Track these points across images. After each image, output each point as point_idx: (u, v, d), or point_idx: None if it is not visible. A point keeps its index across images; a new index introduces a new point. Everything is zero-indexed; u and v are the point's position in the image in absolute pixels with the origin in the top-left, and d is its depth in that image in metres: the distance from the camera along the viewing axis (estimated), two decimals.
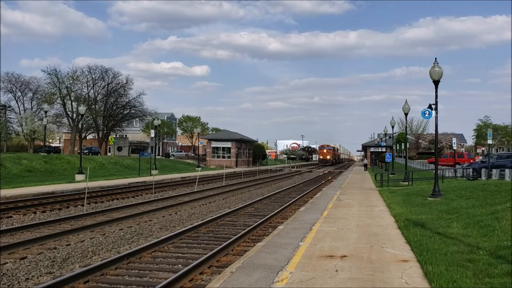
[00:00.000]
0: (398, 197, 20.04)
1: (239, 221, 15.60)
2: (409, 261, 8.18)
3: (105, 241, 11.60)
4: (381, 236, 10.82)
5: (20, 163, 37.81)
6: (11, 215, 15.73)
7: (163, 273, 8.69)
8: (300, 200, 22.00)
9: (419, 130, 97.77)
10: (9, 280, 8.10)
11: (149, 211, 17.10)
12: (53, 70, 68.35)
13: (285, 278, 7.04)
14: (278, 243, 9.77)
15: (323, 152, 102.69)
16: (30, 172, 36.34)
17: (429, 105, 19.50)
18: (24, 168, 37.06)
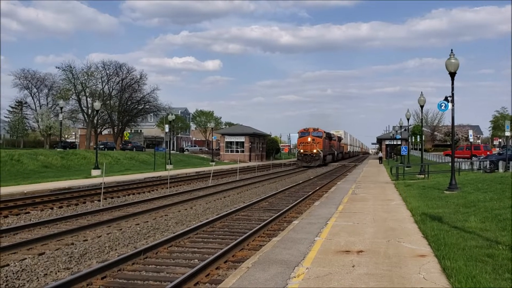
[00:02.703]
0: (414, 191, 19.86)
1: (253, 215, 15.61)
2: (427, 256, 8.09)
3: (121, 236, 11.70)
4: (398, 230, 10.74)
5: (37, 159, 38.27)
6: (28, 210, 15.93)
7: (179, 268, 8.73)
8: (315, 194, 21.94)
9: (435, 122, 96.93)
10: (28, 275, 8.21)
11: (165, 206, 17.19)
12: (67, 66, 68.99)
13: (302, 273, 7.02)
14: (293, 238, 9.75)
15: (305, 142, 56.30)
16: (46, 168, 36.78)
17: (445, 97, 19.25)
18: (40, 163, 37.51)
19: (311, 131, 56.89)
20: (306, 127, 57.61)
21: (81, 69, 70.01)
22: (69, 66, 69.00)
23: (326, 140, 60.18)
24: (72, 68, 69.10)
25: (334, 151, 70.84)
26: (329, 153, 63.68)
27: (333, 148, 69.39)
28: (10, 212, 15.37)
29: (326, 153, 59.66)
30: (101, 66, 72.05)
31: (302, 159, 55.82)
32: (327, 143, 61.33)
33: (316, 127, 57.70)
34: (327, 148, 61.95)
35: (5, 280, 7.87)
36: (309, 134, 56.64)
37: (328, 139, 63.91)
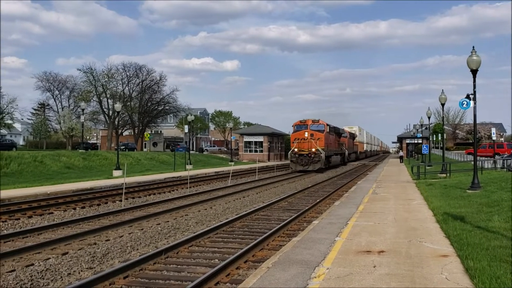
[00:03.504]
0: (435, 190, 19.61)
1: (273, 215, 15.61)
2: (449, 256, 7.99)
3: (143, 236, 11.82)
4: (419, 230, 10.62)
5: (60, 160, 38.89)
6: (52, 211, 16.20)
7: (200, 268, 8.79)
8: (335, 194, 21.83)
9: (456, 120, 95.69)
10: (52, 275, 8.36)
11: (185, 206, 17.31)
12: (88, 68, 69.97)
13: (322, 274, 7.00)
14: (313, 238, 9.73)
15: (301, 138, 43.09)
16: (69, 169, 37.35)
17: (467, 95, 18.97)
18: (63, 165, 38.10)
19: (309, 124, 43.05)
20: (303, 119, 43.86)
21: (102, 71, 70.99)
22: (90, 68, 70.03)
23: (331, 136, 46.51)
24: (93, 70, 70.11)
25: (345, 151, 57.60)
26: (336, 152, 49.55)
27: (342, 146, 56.22)
28: (34, 213, 15.66)
29: (330, 152, 45.65)
30: (121, 68, 72.96)
31: (296, 161, 41.61)
32: (332, 140, 47.47)
33: (316, 119, 44.25)
34: (333, 146, 48.07)
35: (30, 279, 8.03)
36: (306, 127, 42.64)
37: (335, 135, 49.99)
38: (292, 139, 43.66)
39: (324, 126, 43.73)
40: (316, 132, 42.38)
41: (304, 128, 42.72)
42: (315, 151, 41.11)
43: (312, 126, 42.89)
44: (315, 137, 41.94)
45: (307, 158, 41.32)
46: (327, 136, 43.83)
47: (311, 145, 41.49)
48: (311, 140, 41.61)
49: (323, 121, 44.15)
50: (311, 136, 41.87)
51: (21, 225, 13.61)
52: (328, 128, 45.01)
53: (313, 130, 42.45)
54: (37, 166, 35.17)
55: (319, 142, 41.84)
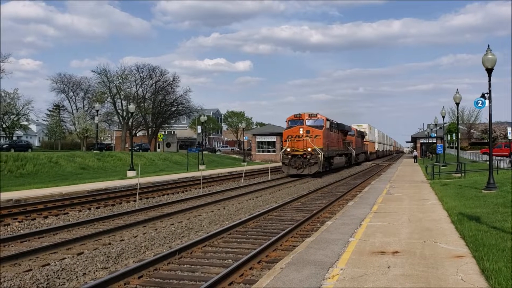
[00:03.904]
0: (450, 190, 19.43)
1: (286, 216, 15.60)
2: (464, 257, 7.92)
3: (157, 236, 11.89)
4: (434, 231, 10.54)
5: (74, 161, 39.29)
6: (67, 211, 16.38)
7: (214, 268, 8.82)
8: (348, 194, 21.74)
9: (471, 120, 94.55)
10: (68, 274, 8.45)
11: (198, 206, 17.37)
12: (102, 70, 70.67)
13: (336, 274, 6.98)
14: (327, 239, 9.70)
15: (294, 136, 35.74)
16: (83, 170, 37.72)
17: (482, 94, 18.77)
18: (78, 165, 38.49)
19: (305, 118, 36.26)
20: (298, 113, 36.95)
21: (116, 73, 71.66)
22: (104, 70, 70.74)
23: (332, 134, 39.67)
24: (107, 71, 70.79)
25: (351, 151, 51.05)
26: (339, 152, 42.96)
27: (349, 146, 49.71)
28: (49, 213, 15.84)
29: (332, 153, 39.18)
30: (135, 69, 73.56)
31: (288, 164, 34.77)
32: (334, 138, 40.58)
33: (314, 113, 37.11)
34: (336, 146, 41.45)
35: (46, 278, 8.13)
36: (302, 122, 36.00)
37: (339, 133, 43.11)
38: (285, 136, 36.12)
39: (323, 121, 36.52)
40: (313, 128, 35.21)
41: (299, 124, 35.77)
42: (311, 151, 34.02)
43: (308, 121, 36.01)
44: (312, 134, 34.72)
45: (301, 159, 34.27)
46: (327, 133, 36.87)
47: (306, 144, 34.41)
48: (307, 137, 34.45)
49: (322, 115, 36.98)
50: (307, 133, 34.77)
51: (37, 225, 13.78)
52: (329, 123, 38.28)
53: (309, 126, 35.46)
54: (52, 167, 35.58)
55: (317, 140, 34.60)
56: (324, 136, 35.73)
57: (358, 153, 57.59)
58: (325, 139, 35.93)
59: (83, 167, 38.67)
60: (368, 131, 71.26)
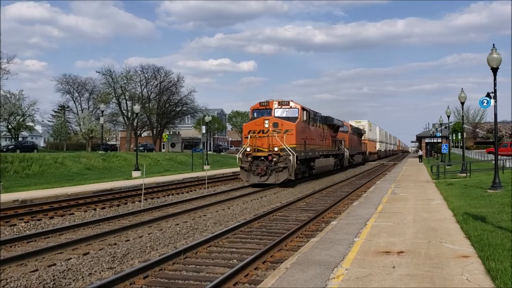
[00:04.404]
0: (455, 190, 19.37)
1: (291, 216, 15.60)
2: (470, 257, 7.90)
3: (162, 236, 11.92)
4: (439, 230, 10.52)
5: (80, 162, 39.44)
6: (73, 212, 16.44)
7: (219, 268, 8.84)
8: (353, 194, 21.71)
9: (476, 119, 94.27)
10: (74, 274, 8.49)
11: (203, 206, 17.40)
12: (107, 70, 70.80)
13: (341, 274, 6.99)
14: (332, 239, 9.70)
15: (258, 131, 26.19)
16: (89, 170, 37.85)
17: (487, 94, 18.69)
18: (83, 166, 38.63)
19: (274, 107, 27.24)
20: (265, 100, 27.79)
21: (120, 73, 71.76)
22: (108, 71, 70.86)
23: (312, 128, 30.37)
24: (112, 72, 70.92)
25: (343, 151, 42.52)
26: (325, 152, 34.20)
27: (340, 144, 41.42)
28: (55, 214, 15.91)
29: (313, 153, 30.21)
30: (140, 70, 73.66)
31: (249, 169, 25.90)
32: (316, 134, 31.51)
33: (286, 100, 27.85)
34: (319, 143, 32.29)
35: (53, 279, 8.17)
36: (269, 112, 27.10)
37: (324, 128, 34.16)
38: (245, 131, 26.80)
39: (299, 111, 27.35)
40: (283, 120, 26.25)
41: (265, 114, 26.82)
42: (278, 152, 25.14)
43: (277, 110, 27.06)
44: (282, 128, 25.82)
45: (265, 163, 25.30)
46: (303, 127, 27.89)
47: (272, 141, 25.46)
48: (274, 133, 25.59)
49: (297, 103, 27.85)
50: (275, 126, 25.85)
51: (43, 225, 13.85)
52: (306, 115, 28.90)
53: (279, 117, 26.62)
54: (58, 168, 35.74)
55: (288, 136, 25.70)
56: (299, 131, 26.74)
57: (353, 154, 49.22)
58: (300, 134, 26.86)
59: (88, 167, 38.81)
60: (367, 128, 63.47)
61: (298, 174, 27.64)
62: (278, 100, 27.51)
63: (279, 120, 26.30)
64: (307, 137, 28.91)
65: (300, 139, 27.29)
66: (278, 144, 25.38)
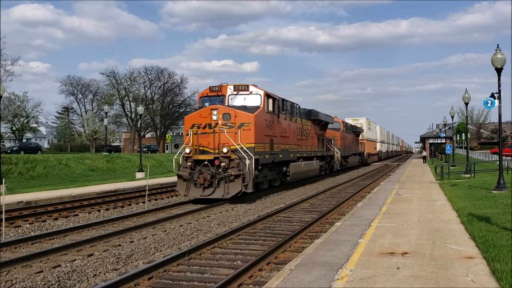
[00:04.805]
0: (460, 191, 19.33)
1: (295, 217, 15.59)
2: (475, 258, 7.88)
3: (166, 237, 11.94)
4: (444, 231, 10.50)
5: (84, 163, 39.56)
6: (77, 213, 16.49)
7: (223, 269, 8.84)
8: (357, 195, 21.68)
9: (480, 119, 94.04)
10: (78, 276, 8.51)
11: (207, 207, 17.40)
12: (111, 72, 71.14)
13: (345, 275, 6.98)
14: (336, 240, 9.70)
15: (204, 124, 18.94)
16: (93, 171, 37.96)
17: (492, 94, 18.65)
18: (87, 167, 38.75)
19: (228, 94, 20.40)
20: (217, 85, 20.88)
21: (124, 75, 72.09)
22: (112, 72, 71.19)
23: (282, 122, 23.44)
24: (115, 73, 71.25)
25: (333, 152, 36.22)
26: (307, 154, 28.17)
27: (329, 144, 35.61)
28: (59, 215, 15.95)
29: (284, 155, 23.32)
30: (143, 71, 74.00)
31: (189, 178, 18.73)
32: (290, 130, 24.77)
33: (244, 84, 20.74)
34: (294, 142, 25.49)
35: (57, 280, 8.20)
36: (221, 101, 20.38)
37: (303, 123, 27.53)
38: (187, 125, 19.82)
39: (261, 98, 20.24)
40: (238, 111, 19.23)
41: (218, 103, 20.01)
42: (228, 154, 18.36)
43: (233, 98, 20.26)
44: (236, 121, 18.95)
45: (210, 170, 18.41)
46: (268, 120, 20.87)
47: (221, 139, 18.63)
48: (225, 128, 18.79)
49: (260, 88, 20.70)
50: (226, 119, 18.97)
51: (47, 227, 13.89)
52: (273, 104, 21.43)
53: (232, 107, 19.57)
54: (62, 169, 35.85)
55: (244, 133, 18.91)
56: (260, 125, 19.79)
57: (347, 155, 43.04)
58: (262, 130, 19.99)
59: (92, 169, 38.92)
60: (366, 127, 57.95)
61: (262, 184, 21.19)
62: (234, 84, 20.50)
63: (232, 110, 19.01)
64: (275, 134, 21.81)
65: (263, 136, 20.22)
66: (229, 143, 18.38)
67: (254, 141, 19.23)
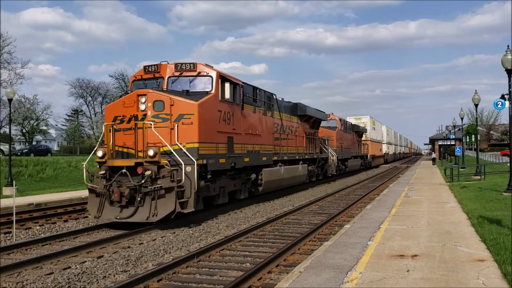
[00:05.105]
0: (470, 193, 19.19)
1: (304, 219, 15.55)
2: (486, 261, 7.82)
3: (175, 239, 11.96)
4: (454, 234, 10.43)
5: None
6: (87, 215, 16.55)
7: (232, 272, 8.84)
8: (366, 197, 21.60)
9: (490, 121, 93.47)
10: (88, 277, 8.55)
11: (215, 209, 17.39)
12: (120, 74, 71.55)
13: (355, 278, 6.96)
14: (345, 243, 9.66)
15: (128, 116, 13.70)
16: None
17: (502, 95, 18.53)
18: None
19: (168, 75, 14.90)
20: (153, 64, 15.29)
21: None
22: (121, 75, 71.62)
23: (250, 117, 17.99)
24: (124, 76, 71.61)
25: (327, 154, 31.08)
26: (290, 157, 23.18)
27: (324, 145, 30.92)
28: (69, 217, 16.06)
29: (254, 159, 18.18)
30: None
31: (103, 193, 13.44)
32: (261, 127, 19.14)
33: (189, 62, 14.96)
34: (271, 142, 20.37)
35: (68, 281, 8.24)
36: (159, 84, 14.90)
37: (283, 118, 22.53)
38: (108, 118, 14.66)
39: (212, 82, 14.98)
40: (176, 98, 13.85)
41: (150, 86, 14.97)
42: (156, 158, 13.04)
43: (174, 81, 15.11)
44: (173, 111, 13.69)
45: (130, 183, 13.11)
46: (224, 111, 15.59)
47: (147, 138, 13.53)
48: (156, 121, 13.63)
49: (214, 69, 15.47)
50: (158, 108, 13.74)
51: (57, 228, 13.97)
52: (231, 91, 15.97)
53: (170, 92, 14.34)
54: (72, 171, 36.03)
55: (184, 129, 13.70)
56: (208, 119, 14.44)
57: (345, 158, 37.70)
58: (210, 125, 14.65)
59: None
60: (369, 127, 52.33)
61: (216, 197, 15.87)
62: (176, 62, 15.05)
63: (166, 96, 13.67)
64: (236, 131, 16.42)
65: (215, 133, 14.81)
66: (159, 142, 13.24)
67: (199, 140, 13.70)
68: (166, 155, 13.26)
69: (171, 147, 13.32)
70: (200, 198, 14.43)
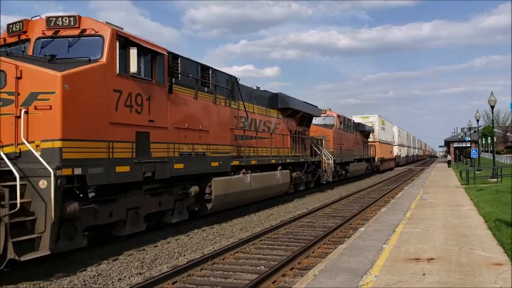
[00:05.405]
0: (486, 195, 18.96)
1: (318, 222, 15.51)
2: (503, 265, 7.71)
3: (189, 242, 12.00)
4: (470, 237, 10.31)
5: None
6: None
7: (246, 274, 8.85)
8: (381, 200, 21.45)
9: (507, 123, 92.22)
10: (104, 279, 8.62)
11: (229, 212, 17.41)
12: None
13: (370, 281, 6.91)
14: (360, 246, 9.60)
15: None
16: None
17: None
18: None
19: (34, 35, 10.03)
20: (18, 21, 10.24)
21: None
22: None
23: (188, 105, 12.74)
24: None
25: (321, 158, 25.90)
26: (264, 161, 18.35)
27: (317, 146, 26.35)
28: None
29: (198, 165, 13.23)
30: None
31: None
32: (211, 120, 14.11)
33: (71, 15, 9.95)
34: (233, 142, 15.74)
35: (83, 284, 8.32)
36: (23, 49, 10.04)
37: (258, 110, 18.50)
38: None
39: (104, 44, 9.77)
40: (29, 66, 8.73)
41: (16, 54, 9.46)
42: None
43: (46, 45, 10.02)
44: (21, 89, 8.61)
45: None
46: (127, 91, 10.13)
47: None
48: None
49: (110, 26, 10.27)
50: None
51: None
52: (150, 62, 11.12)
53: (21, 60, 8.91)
54: None
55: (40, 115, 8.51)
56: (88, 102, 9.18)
57: (345, 161, 32.42)
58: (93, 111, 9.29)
59: None
60: (378, 126, 47.25)
61: (120, 226, 10.85)
62: (48, 16, 10.32)
63: (12, 64, 8.76)
64: (158, 124, 11.40)
65: (103, 124, 9.60)
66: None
67: (63, 135, 8.64)
68: (10, 160, 8.12)
69: (16, 147, 8.57)
70: (79, 230, 9.38)
